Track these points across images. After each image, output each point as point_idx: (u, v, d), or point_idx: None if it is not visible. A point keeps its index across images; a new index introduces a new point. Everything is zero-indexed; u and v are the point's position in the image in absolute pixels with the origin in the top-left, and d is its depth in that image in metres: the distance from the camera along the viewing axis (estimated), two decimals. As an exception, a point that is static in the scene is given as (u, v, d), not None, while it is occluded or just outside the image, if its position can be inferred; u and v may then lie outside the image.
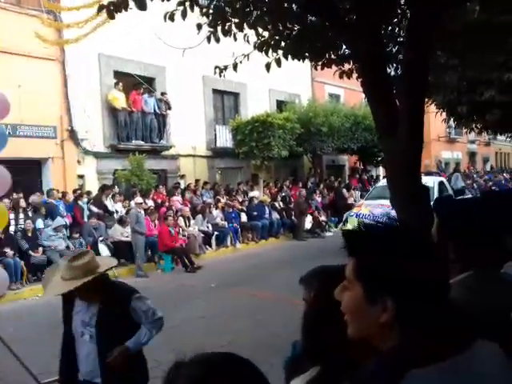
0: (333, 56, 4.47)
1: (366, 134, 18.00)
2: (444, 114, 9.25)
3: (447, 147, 29.34)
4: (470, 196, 12.91)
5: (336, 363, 1.22)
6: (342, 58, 4.48)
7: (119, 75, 13.47)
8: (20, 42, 10.85)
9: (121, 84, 13.12)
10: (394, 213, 10.72)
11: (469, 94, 7.24)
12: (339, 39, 4.02)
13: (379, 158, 19.56)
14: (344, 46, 4.40)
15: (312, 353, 1.32)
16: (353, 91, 20.39)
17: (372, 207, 11.31)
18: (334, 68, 4.88)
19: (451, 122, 11.12)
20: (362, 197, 17.53)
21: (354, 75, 4.97)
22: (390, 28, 4.73)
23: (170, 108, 14.27)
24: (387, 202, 10.75)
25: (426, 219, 3.41)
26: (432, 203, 1.92)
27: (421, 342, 0.92)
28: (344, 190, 17.18)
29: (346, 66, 4.88)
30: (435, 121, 13.45)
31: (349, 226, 10.87)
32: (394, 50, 5.12)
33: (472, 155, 33.15)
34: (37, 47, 11.06)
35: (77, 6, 10.07)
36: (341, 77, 4.89)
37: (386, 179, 14.77)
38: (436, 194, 10.81)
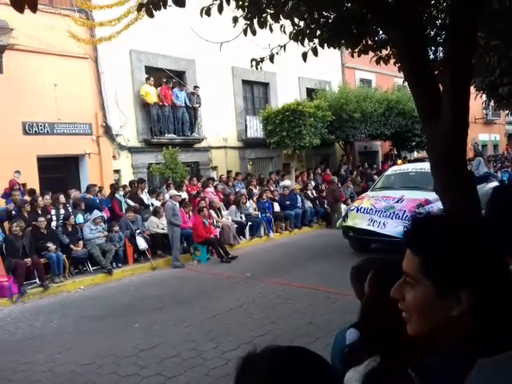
0: (370, 42, 4.37)
1: (400, 119, 17.63)
2: (484, 96, 8.94)
3: (484, 129, 28.42)
4: (495, 183, 11.45)
5: (398, 354, 1.21)
6: (379, 43, 4.37)
7: (150, 70, 13.61)
8: (54, 42, 11.09)
9: (152, 79, 13.26)
10: (398, 206, 8.93)
11: (510, 75, 6.97)
12: (377, 25, 3.91)
13: (413, 143, 19.17)
14: (381, 32, 4.30)
15: (373, 344, 1.31)
16: (384, 76, 20.00)
17: (375, 200, 9.98)
18: (368, 55, 4.77)
19: (491, 104, 10.68)
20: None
21: (392, 61, 4.86)
22: (428, 10, 4.58)
23: (199, 104, 14.36)
24: (394, 194, 9.82)
25: (473, 207, 3.32)
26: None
27: (494, 331, 0.91)
28: (375, 177, 16.86)
29: (383, 52, 4.76)
30: (472, 102, 12.90)
31: (349, 222, 9.90)
32: (432, 32, 4.97)
33: (511, 137, 31.98)
34: (70, 46, 11.29)
35: (108, 4, 10.20)
36: (377, 62, 4.77)
37: (395, 167, 12.51)
38: None
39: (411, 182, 10.37)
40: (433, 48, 4.79)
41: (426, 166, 10.10)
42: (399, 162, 16.47)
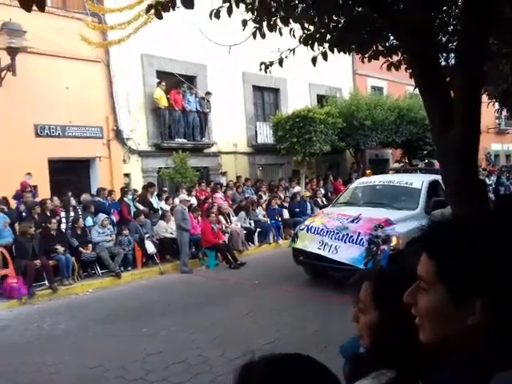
0: (380, 48, 4.33)
1: (411, 127, 17.50)
2: (496, 104, 8.84)
3: (497, 139, 28.12)
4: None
5: (411, 366, 1.18)
6: (389, 49, 4.33)
7: (162, 74, 13.69)
8: (66, 45, 11.20)
9: (163, 83, 13.33)
10: (352, 226, 7.78)
11: (523, 83, 6.89)
12: (387, 30, 3.88)
13: (425, 152, 19.00)
14: (392, 37, 4.26)
15: (381, 357, 1.27)
16: (396, 83, 19.90)
17: (328, 218, 8.27)
18: (378, 60, 4.74)
19: (504, 113, 10.51)
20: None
21: (403, 67, 4.82)
22: (440, 16, 4.54)
23: (210, 109, 14.41)
24: (352, 211, 8.25)
25: (483, 216, 3.26)
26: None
27: (510, 343, 0.87)
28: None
29: (394, 58, 4.73)
30: (484, 112, 12.67)
31: (298, 244, 8.28)
32: (443, 39, 4.93)
33: (523, 147, 31.61)
34: (82, 49, 11.39)
35: (120, 8, 10.30)
36: (389, 69, 4.73)
37: (362, 179, 11.21)
38: (424, 197, 8.44)
39: (376, 198, 9.03)
40: (444, 54, 4.73)
41: (395, 179, 9.40)
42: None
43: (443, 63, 4.73)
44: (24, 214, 9.50)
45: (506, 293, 0.90)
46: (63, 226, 9.80)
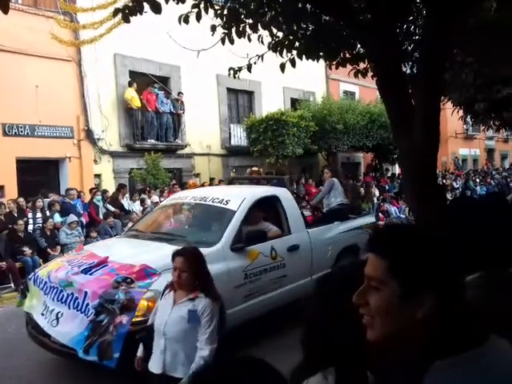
0: (347, 55, 4.45)
1: (382, 132, 17.84)
2: (461, 111, 9.14)
3: (465, 144, 28.92)
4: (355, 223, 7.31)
5: (355, 364, 1.22)
6: (356, 56, 4.45)
7: (135, 75, 13.57)
8: (37, 43, 10.99)
9: (135, 84, 13.22)
10: (80, 280, 4.45)
11: (486, 92, 7.15)
12: (353, 38, 4.00)
13: (395, 156, 19.41)
14: (359, 45, 4.38)
15: (325, 357, 1.31)
16: (368, 88, 20.23)
17: (67, 261, 5.11)
18: (346, 68, 4.86)
19: (468, 119, 10.85)
20: (380, 193, 17.31)
21: (369, 74, 4.95)
22: (405, 26, 4.69)
23: (183, 110, 14.37)
24: (106, 250, 5.27)
25: (442, 219, 3.39)
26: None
27: (448, 335, 0.98)
28: (361, 189, 16.64)
29: (361, 65, 4.85)
30: (452, 118, 12.86)
31: (27, 303, 5.00)
32: (409, 48, 5.08)
33: (490, 152, 32.62)
34: (53, 48, 11.20)
35: (92, 7, 10.20)
36: (356, 76, 4.86)
37: (179, 193, 7.64)
38: (235, 225, 5.25)
39: (175, 225, 6.26)
40: (410, 63, 4.89)
41: (211, 195, 5.90)
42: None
43: (408, 71, 4.88)
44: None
45: (450, 289, 1.00)
46: (30, 228, 9.60)
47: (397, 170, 21.48)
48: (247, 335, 5.09)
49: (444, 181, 19.85)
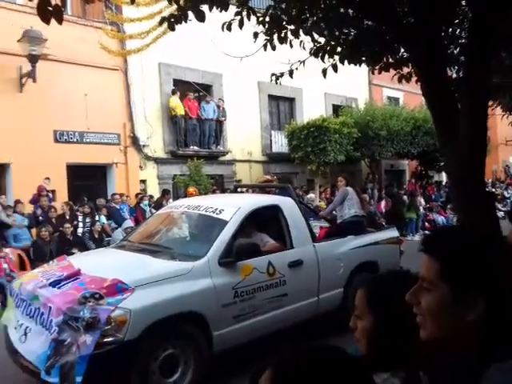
0: (391, 60, 4.39)
1: (427, 138, 17.36)
2: (511, 116, 8.78)
3: (516, 151, 27.69)
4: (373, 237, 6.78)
5: (416, 367, 1.24)
6: (400, 61, 4.38)
7: (178, 83, 13.89)
8: (86, 53, 11.45)
9: (178, 92, 13.53)
10: (46, 294, 4.15)
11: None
12: (397, 42, 3.94)
13: (441, 163, 18.84)
14: (402, 49, 4.31)
15: (378, 360, 1.31)
16: (412, 94, 19.76)
17: (42, 272, 4.81)
18: (389, 72, 4.78)
19: (519, 125, 10.39)
20: (426, 202, 16.89)
21: (414, 78, 4.86)
22: (450, 29, 4.57)
23: (225, 117, 14.56)
24: (83, 262, 4.88)
25: (492, 227, 3.27)
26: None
27: (497, 339, 0.97)
28: (405, 197, 16.35)
29: (405, 70, 4.77)
30: (502, 123, 12.33)
31: (4, 316, 4.76)
32: (455, 51, 4.95)
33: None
34: (101, 58, 11.63)
35: (139, 18, 10.53)
36: (399, 81, 4.78)
37: (177, 201, 7.10)
38: (226, 237, 4.77)
39: (164, 235, 5.77)
40: (455, 67, 4.76)
41: (205, 204, 5.44)
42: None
43: (454, 76, 4.76)
44: (41, 217, 9.70)
45: (502, 292, 0.99)
46: (80, 231, 9.97)
47: (444, 178, 20.82)
48: (240, 359, 4.28)
49: (494, 190, 19.08)
